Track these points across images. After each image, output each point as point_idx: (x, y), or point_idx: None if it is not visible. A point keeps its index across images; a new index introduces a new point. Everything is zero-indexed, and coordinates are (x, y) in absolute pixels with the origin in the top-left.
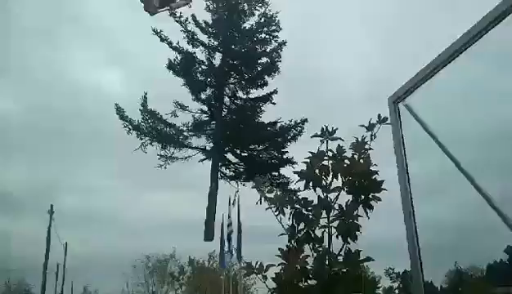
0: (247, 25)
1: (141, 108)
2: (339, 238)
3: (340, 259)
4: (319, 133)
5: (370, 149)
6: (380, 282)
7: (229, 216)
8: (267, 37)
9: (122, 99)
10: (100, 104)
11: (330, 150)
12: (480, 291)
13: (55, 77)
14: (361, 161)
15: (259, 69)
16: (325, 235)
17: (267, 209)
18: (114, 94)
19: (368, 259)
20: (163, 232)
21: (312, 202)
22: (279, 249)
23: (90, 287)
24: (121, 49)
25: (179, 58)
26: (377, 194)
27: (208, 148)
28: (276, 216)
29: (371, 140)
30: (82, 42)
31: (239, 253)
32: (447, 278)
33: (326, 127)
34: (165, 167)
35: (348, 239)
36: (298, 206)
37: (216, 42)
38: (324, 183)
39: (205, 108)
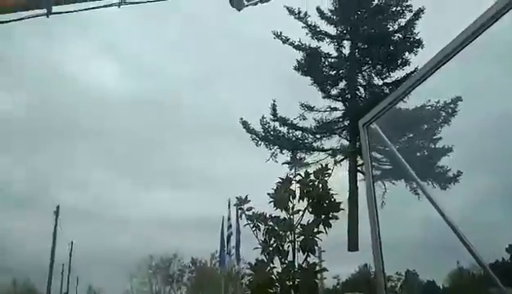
0: (375, 2)
1: (271, 116)
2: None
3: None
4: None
5: (329, 175)
6: None
7: (229, 219)
8: (399, 9)
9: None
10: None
11: (299, 174)
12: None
13: (51, 71)
14: (320, 185)
15: (394, 47)
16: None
17: (245, 225)
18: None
19: (322, 269)
20: (168, 231)
21: (284, 220)
22: (248, 263)
23: (94, 286)
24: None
25: (304, 56)
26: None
27: (341, 147)
28: (253, 231)
29: (335, 165)
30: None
31: (237, 254)
32: (449, 277)
33: (295, 155)
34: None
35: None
36: (271, 223)
37: (343, 30)
38: (291, 204)
39: (336, 104)
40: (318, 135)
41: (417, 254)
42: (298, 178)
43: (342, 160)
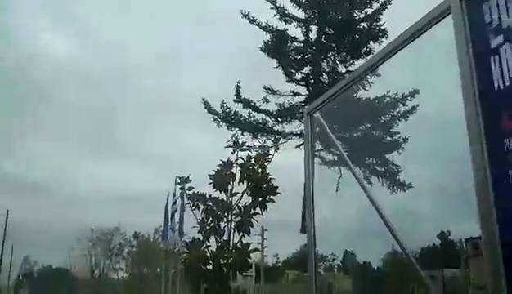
0: None
1: (235, 98)
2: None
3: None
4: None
5: (269, 159)
6: None
7: (174, 195)
8: None
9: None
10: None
11: (241, 158)
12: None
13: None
14: (260, 169)
15: (360, 36)
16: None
17: (186, 204)
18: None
19: (255, 250)
20: (111, 204)
21: (222, 200)
22: (184, 242)
23: (30, 257)
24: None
25: (271, 38)
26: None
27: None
28: (193, 210)
29: (276, 150)
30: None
31: (180, 230)
32: (383, 260)
33: (237, 140)
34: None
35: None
36: (210, 203)
37: (311, 15)
38: (230, 187)
39: (299, 89)
40: (280, 119)
41: (358, 237)
42: (239, 162)
43: (300, 145)
